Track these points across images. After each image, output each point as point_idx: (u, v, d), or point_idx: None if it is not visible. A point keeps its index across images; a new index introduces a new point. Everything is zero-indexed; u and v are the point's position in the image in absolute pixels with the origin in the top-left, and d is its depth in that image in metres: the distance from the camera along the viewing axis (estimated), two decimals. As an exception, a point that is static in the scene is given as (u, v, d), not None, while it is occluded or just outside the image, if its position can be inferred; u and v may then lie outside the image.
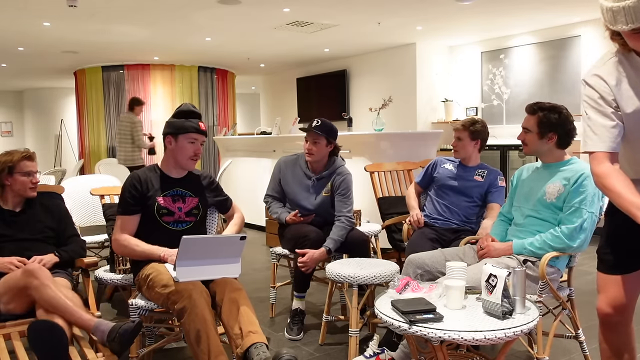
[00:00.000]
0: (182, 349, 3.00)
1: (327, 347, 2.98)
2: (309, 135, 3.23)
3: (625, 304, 1.82)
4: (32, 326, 2.04)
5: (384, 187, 3.91)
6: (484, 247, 2.53)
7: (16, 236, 2.59)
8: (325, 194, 3.30)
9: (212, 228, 2.87)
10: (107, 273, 2.94)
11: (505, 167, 6.83)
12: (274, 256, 3.49)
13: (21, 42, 7.39)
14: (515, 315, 1.89)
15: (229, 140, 7.36)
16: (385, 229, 3.67)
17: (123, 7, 5.65)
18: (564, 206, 2.39)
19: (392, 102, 5.51)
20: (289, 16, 6.14)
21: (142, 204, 2.53)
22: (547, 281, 2.31)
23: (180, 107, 2.61)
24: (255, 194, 6.40)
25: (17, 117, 14.45)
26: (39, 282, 2.24)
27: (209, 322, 2.12)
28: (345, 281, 2.73)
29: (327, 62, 9.46)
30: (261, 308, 3.59)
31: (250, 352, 2.07)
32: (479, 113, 7.64)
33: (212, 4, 5.55)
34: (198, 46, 7.87)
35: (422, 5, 5.79)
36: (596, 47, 6.52)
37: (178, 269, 2.22)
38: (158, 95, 9.35)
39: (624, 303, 1.82)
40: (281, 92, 10.60)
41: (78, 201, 3.97)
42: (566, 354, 2.82)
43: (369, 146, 5.13)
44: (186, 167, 2.65)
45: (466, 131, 3.14)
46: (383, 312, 1.93)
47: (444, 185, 3.23)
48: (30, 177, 2.67)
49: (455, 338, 1.74)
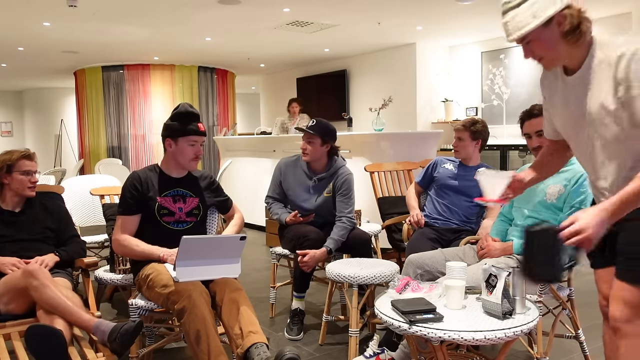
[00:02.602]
0: (182, 349, 3.00)
1: (327, 347, 2.98)
2: (304, 134, 3.26)
3: None
4: (30, 330, 2.03)
5: (384, 187, 3.91)
6: (484, 247, 2.53)
7: (16, 236, 2.59)
8: (327, 194, 3.30)
9: (212, 228, 2.87)
10: (107, 273, 2.94)
11: (505, 167, 6.83)
12: (274, 256, 3.49)
13: (21, 42, 7.39)
14: (515, 315, 1.89)
15: (229, 140, 7.36)
16: (385, 229, 3.67)
17: (123, 7, 5.65)
18: (565, 206, 2.40)
19: (392, 102, 5.51)
20: (289, 16, 6.14)
21: (143, 204, 2.53)
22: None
23: (177, 109, 2.58)
24: (255, 194, 6.41)
25: (17, 117, 14.46)
26: (38, 283, 2.24)
27: (209, 322, 2.12)
28: (345, 281, 2.73)
29: (327, 62, 9.46)
30: (261, 308, 3.59)
31: (251, 352, 2.07)
32: (479, 113, 7.64)
33: (212, 4, 5.55)
34: (198, 46, 7.87)
35: (422, 5, 5.80)
36: (596, 47, 6.52)
37: (178, 269, 2.22)
38: (158, 95, 9.35)
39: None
40: (281, 92, 10.60)
41: (78, 201, 3.97)
42: (566, 354, 2.82)
43: (369, 146, 5.13)
44: (188, 168, 2.65)
45: (467, 131, 3.14)
46: (383, 312, 1.93)
47: (444, 185, 3.23)
48: (29, 177, 2.66)
49: (455, 338, 1.74)
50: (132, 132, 9.34)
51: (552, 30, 1.59)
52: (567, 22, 1.58)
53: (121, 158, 9.25)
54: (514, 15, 1.61)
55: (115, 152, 9.42)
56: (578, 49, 1.62)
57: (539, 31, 1.59)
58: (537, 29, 1.58)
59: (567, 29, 1.58)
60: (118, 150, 9.41)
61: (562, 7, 1.57)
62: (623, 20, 6.24)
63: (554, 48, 1.62)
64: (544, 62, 1.68)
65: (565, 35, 1.59)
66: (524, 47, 1.67)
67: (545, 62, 1.68)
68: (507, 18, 1.63)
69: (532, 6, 1.58)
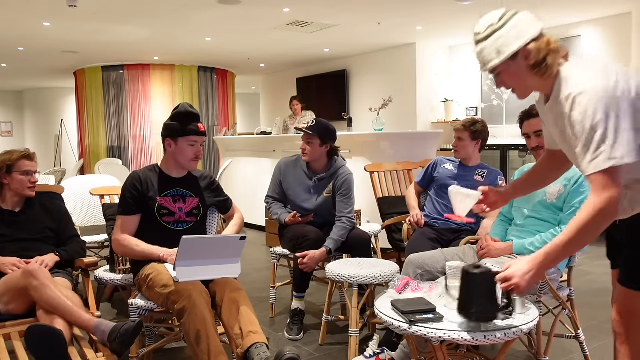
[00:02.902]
0: (182, 349, 3.00)
1: (327, 347, 2.98)
2: (304, 135, 3.26)
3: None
4: (30, 330, 2.03)
5: (384, 187, 3.91)
6: (484, 247, 2.53)
7: (16, 236, 2.59)
8: (327, 194, 3.30)
9: (212, 228, 2.87)
10: (107, 273, 2.94)
11: (506, 167, 6.82)
12: (274, 256, 3.49)
13: (21, 42, 7.39)
14: (515, 315, 1.88)
15: (229, 140, 7.36)
16: (385, 229, 3.67)
17: (123, 7, 5.65)
18: (565, 206, 2.40)
19: (392, 102, 5.51)
20: (289, 16, 6.14)
21: (143, 204, 2.53)
22: (547, 281, 2.31)
23: (177, 109, 2.58)
24: (255, 194, 6.41)
25: (17, 117, 14.46)
26: (38, 283, 2.24)
27: (209, 322, 2.12)
28: (345, 281, 2.72)
29: (327, 62, 9.46)
30: (261, 308, 3.58)
31: (251, 352, 2.07)
32: (479, 113, 7.64)
33: (212, 4, 5.55)
34: (198, 46, 7.87)
35: (422, 5, 5.80)
36: (596, 47, 6.53)
37: (178, 269, 2.22)
38: (158, 95, 9.35)
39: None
40: (281, 92, 10.60)
41: (78, 201, 3.97)
42: (566, 354, 2.82)
43: (369, 146, 5.13)
44: (188, 169, 2.65)
45: (467, 131, 3.14)
46: (383, 312, 1.92)
47: (445, 185, 3.22)
48: (29, 177, 2.66)
49: (455, 338, 1.74)
50: (132, 132, 9.34)
51: (519, 64, 1.60)
52: (532, 57, 1.58)
53: (121, 158, 9.25)
54: (482, 48, 1.63)
55: (115, 152, 9.42)
56: (547, 80, 1.61)
57: (506, 64, 1.61)
58: (504, 62, 1.60)
59: (532, 63, 1.58)
60: (118, 150, 9.41)
61: (527, 42, 1.57)
62: (623, 20, 6.24)
63: (523, 80, 1.63)
64: (516, 92, 1.69)
65: (532, 68, 1.59)
66: (495, 78, 1.68)
67: (517, 93, 1.69)
68: (477, 50, 1.65)
69: (497, 41, 1.59)
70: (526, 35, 1.57)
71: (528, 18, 1.60)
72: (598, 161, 1.44)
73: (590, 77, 1.49)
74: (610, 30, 6.42)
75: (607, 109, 1.43)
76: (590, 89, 1.45)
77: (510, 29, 1.58)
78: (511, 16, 1.60)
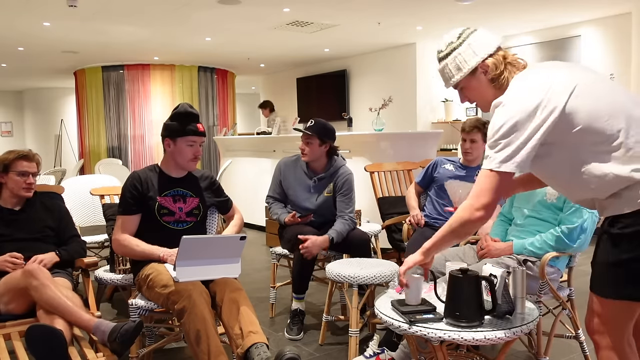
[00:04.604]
0: (182, 349, 3.00)
1: (327, 347, 2.98)
2: (303, 135, 3.27)
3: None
4: (30, 330, 2.03)
5: (384, 187, 3.91)
6: (484, 247, 2.53)
7: (15, 235, 2.59)
8: (327, 194, 3.30)
9: (212, 228, 2.87)
10: (107, 273, 2.94)
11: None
12: (274, 256, 3.49)
13: (21, 42, 7.39)
14: (515, 315, 1.88)
15: (229, 140, 7.36)
16: (385, 229, 3.67)
17: (123, 7, 5.65)
18: (564, 206, 2.40)
19: (392, 102, 5.51)
20: (289, 16, 6.14)
21: (143, 204, 2.53)
22: (547, 281, 2.31)
23: (177, 109, 2.58)
24: (255, 194, 6.41)
25: (17, 117, 14.45)
26: (38, 283, 2.24)
27: (209, 322, 2.12)
28: (345, 281, 2.72)
29: (327, 62, 9.46)
30: (261, 308, 3.59)
31: (251, 352, 2.07)
32: (479, 113, 7.64)
33: (212, 4, 5.55)
34: (198, 46, 7.87)
35: (422, 5, 5.79)
36: (596, 47, 6.53)
37: (178, 269, 2.22)
38: (158, 95, 9.35)
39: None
40: (281, 92, 10.60)
41: (78, 201, 3.97)
42: (566, 354, 2.82)
43: (369, 146, 5.13)
44: (187, 169, 2.65)
45: (480, 132, 3.10)
46: (383, 312, 1.92)
47: (445, 186, 3.22)
48: (25, 178, 2.64)
49: (455, 338, 1.74)
50: (132, 132, 9.33)
51: (479, 78, 1.69)
52: (490, 71, 1.67)
53: (121, 158, 9.25)
54: (443, 66, 1.74)
55: (115, 152, 9.41)
56: (503, 92, 1.66)
57: (467, 80, 1.70)
58: (464, 78, 1.69)
59: (491, 77, 1.67)
60: (118, 150, 9.41)
61: (484, 57, 1.67)
62: (623, 20, 6.24)
63: (484, 94, 1.71)
64: (479, 105, 1.77)
65: (491, 82, 1.68)
66: (459, 93, 1.77)
67: (480, 106, 1.77)
68: (439, 68, 1.76)
69: (456, 58, 1.69)
70: (483, 51, 1.67)
71: (485, 35, 1.70)
72: (487, 161, 1.59)
73: (518, 92, 1.57)
74: (610, 30, 6.42)
75: (515, 124, 1.52)
76: (508, 103, 1.56)
77: (467, 47, 1.68)
78: (469, 34, 1.70)
